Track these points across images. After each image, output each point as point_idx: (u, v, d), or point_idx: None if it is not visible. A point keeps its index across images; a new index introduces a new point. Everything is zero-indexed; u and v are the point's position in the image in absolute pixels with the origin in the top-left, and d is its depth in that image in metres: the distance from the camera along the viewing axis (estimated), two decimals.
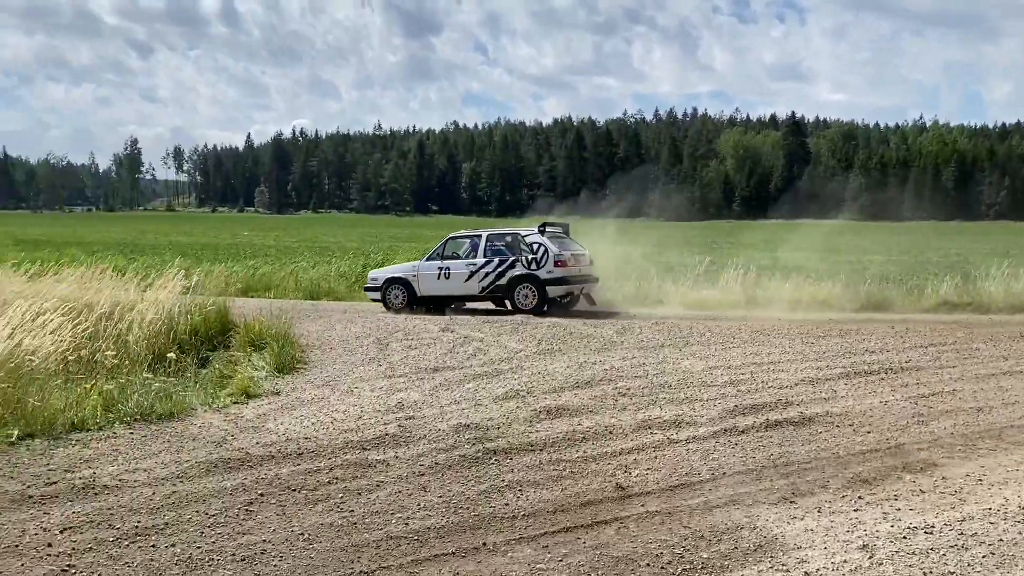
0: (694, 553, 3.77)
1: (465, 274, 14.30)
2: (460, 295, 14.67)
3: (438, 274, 14.44)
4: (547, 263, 13.95)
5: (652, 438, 5.68)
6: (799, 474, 4.90)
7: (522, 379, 7.89)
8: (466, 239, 15.13)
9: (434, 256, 14.79)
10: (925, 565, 3.60)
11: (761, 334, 10.82)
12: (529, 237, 14.35)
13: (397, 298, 14.64)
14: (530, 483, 4.76)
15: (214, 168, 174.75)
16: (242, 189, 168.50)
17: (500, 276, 14.09)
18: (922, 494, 4.55)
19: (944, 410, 6.43)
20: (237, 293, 16.02)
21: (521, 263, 14.01)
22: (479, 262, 14.33)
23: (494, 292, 14.27)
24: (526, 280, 13.92)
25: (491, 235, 14.88)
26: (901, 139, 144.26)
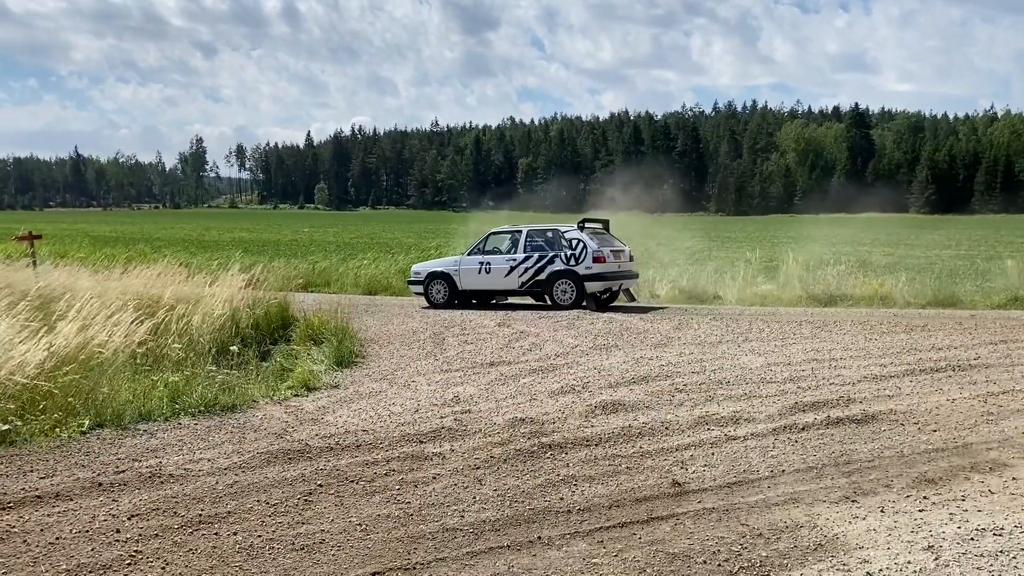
0: (752, 551, 3.71)
1: (505, 269, 14.30)
2: (500, 290, 14.79)
3: (479, 269, 14.47)
4: (585, 259, 13.90)
5: (709, 434, 5.61)
6: (861, 473, 4.79)
7: (578, 374, 7.88)
8: (506, 234, 15.10)
9: (475, 251, 14.79)
10: (994, 568, 3.49)
11: (822, 329, 10.60)
12: (568, 233, 14.35)
13: (439, 292, 14.68)
14: (585, 478, 4.75)
15: (275, 165, 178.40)
16: (302, 186, 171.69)
17: (539, 271, 14.10)
18: (991, 495, 4.40)
19: (1015, 409, 6.21)
20: (298, 288, 16.31)
21: (560, 259, 14.00)
22: (519, 257, 14.34)
23: (533, 287, 14.31)
24: (564, 276, 13.91)
25: (531, 231, 14.89)
26: (971, 130, 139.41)
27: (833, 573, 3.47)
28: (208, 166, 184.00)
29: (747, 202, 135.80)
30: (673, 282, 16.01)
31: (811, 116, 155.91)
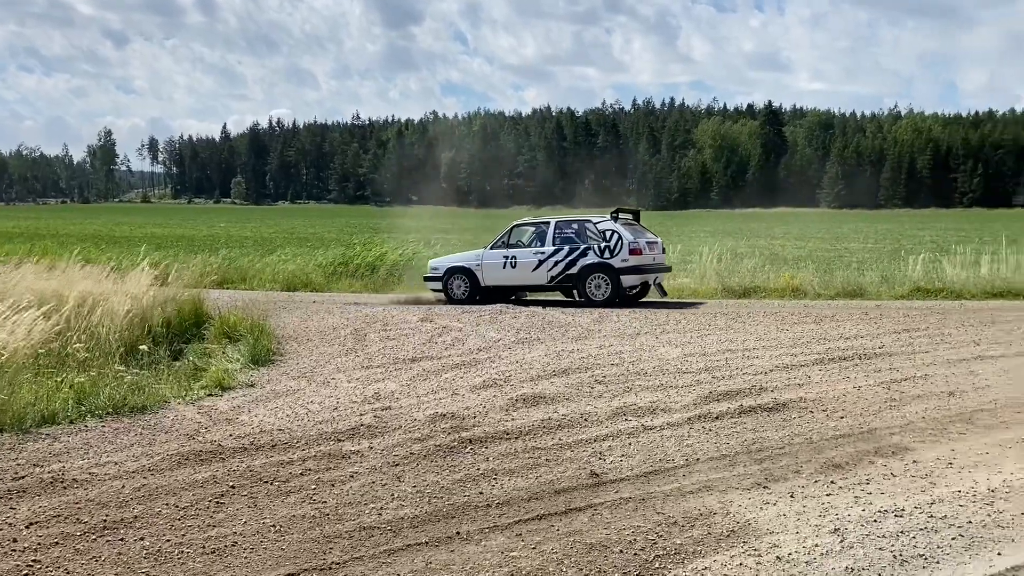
0: (667, 539, 3.77)
1: (532, 263, 13.61)
2: (527, 285, 14.07)
3: (503, 263, 13.77)
4: (621, 251, 13.18)
5: (627, 425, 5.69)
6: (772, 460, 4.93)
7: (500, 368, 7.89)
8: (532, 226, 14.43)
9: (498, 244, 14.07)
10: (895, 548, 3.63)
11: (737, 321, 10.88)
12: (601, 224, 13.59)
13: (459, 288, 13.97)
14: (505, 471, 4.75)
15: (190, 159, 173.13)
16: (218, 180, 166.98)
17: (570, 265, 13.38)
18: (893, 478, 4.59)
19: (916, 395, 6.49)
20: (212, 285, 15.87)
21: (593, 251, 13.29)
22: (547, 250, 13.62)
23: (563, 282, 13.58)
24: (599, 269, 13.22)
25: (559, 222, 14.14)
26: (877, 127, 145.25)
27: (745, 558, 3.56)
28: (119, 159, 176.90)
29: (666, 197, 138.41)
30: None
31: (727, 113, 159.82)
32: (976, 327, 9.95)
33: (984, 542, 3.70)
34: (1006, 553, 3.56)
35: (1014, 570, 3.40)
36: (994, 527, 3.86)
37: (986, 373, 7.27)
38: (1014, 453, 4.97)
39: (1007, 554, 3.55)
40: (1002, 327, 9.91)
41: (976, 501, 4.19)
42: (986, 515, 4.00)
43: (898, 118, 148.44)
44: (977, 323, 10.27)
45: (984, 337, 9.20)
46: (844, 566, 3.45)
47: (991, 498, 4.23)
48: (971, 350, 8.42)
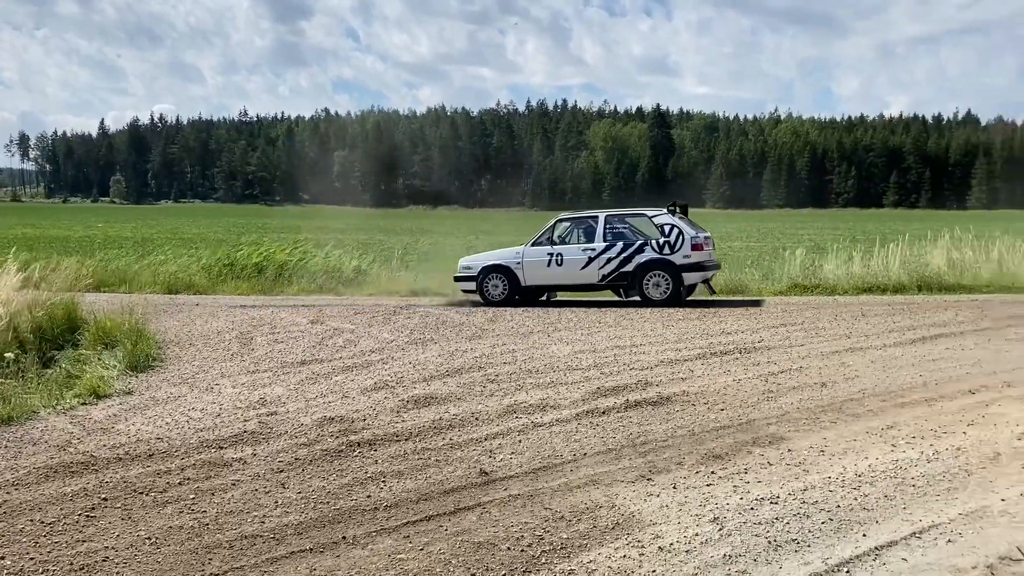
0: (554, 534, 3.82)
1: (581, 261, 12.84)
2: (574, 284, 13.23)
3: (548, 261, 12.95)
4: (682, 246, 12.51)
5: (517, 423, 5.73)
6: (656, 452, 5.06)
7: (392, 369, 7.81)
8: (578, 221, 13.60)
9: (541, 241, 13.23)
10: (770, 534, 3.79)
11: (625, 318, 11.14)
12: (658, 218, 12.90)
13: (496, 288, 13.15)
14: (394, 473, 4.71)
15: (64, 156, 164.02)
16: (96, 178, 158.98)
17: (625, 262, 12.63)
18: (770, 466, 4.79)
19: (791, 386, 6.80)
20: (89, 288, 15.04)
21: (651, 247, 12.60)
22: (598, 247, 12.82)
23: (617, 280, 12.81)
24: (658, 266, 12.51)
25: (609, 216, 13.32)
26: (759, 131, 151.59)
27: (628, 550, 3.64)
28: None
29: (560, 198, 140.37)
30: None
31: (617, 116, 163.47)
32: (848, 321, 10.51)
33: (851, 525, 3.90)
34: (870, 534, 3.77)
35: (877, 550, 3.60)
36: (860, 510, 4.08)
37: (856, 364, 7.69)
38: (879, 439, 5.27)
39: (871, 535, 3.76)
40: (871, 320, 10.51)
41: (845, 486, 4.42)
42: (853, 499, 4.23)
43: (778, 122, 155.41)
44: (849, 317, 10.85)
45: (855, 330, 9.74)
46: (722, 553, 3.58)
47: (858, 483, 4.47)
48: (843, 343, 8.89)
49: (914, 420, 5.70)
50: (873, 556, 3.53)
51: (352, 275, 16.10)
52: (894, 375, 7.18)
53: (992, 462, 4.77)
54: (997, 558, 3.48)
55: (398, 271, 17.21)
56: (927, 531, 3.79)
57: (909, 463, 4.77)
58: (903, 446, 5.11)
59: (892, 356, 8.07)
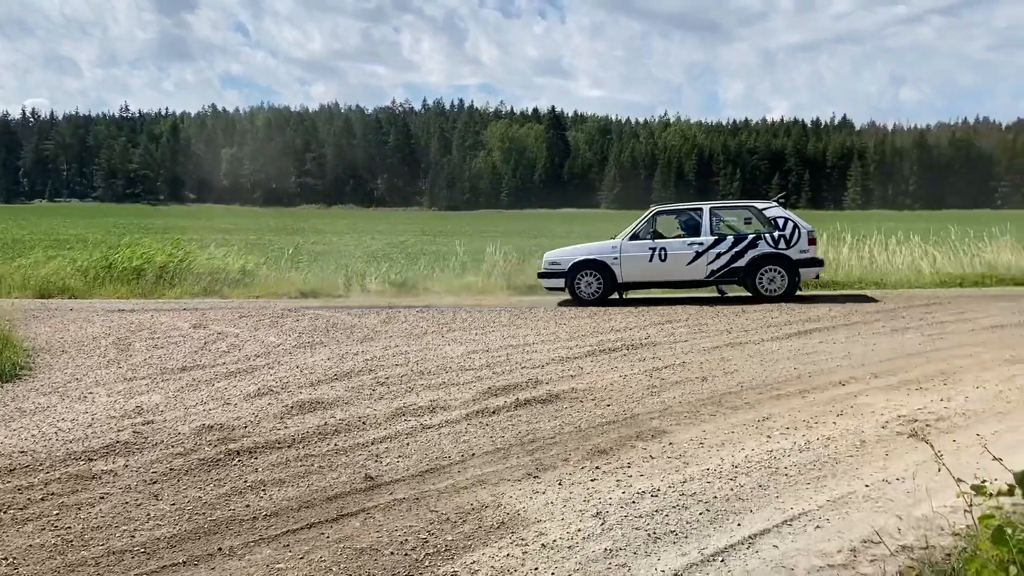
0: (439, 536, 3.79)
1: (688, 255, 12.27)
2: (679, 280, 12.63)
3: (650, 256, 12.30)
4: (799, 240, 12.14)
5: (406, 425, 5.67)
6: (544, 449, 5.10)
7: (278, 374, 7.60)
8: (680, 214, 13.00)
9: (640, 234, 12.58)
10: (650, 526, 3.87)
11: (519, 317, 11.21)
12: (769, 211, 12.46)
13: (590, 286, 12.48)
14: (274, 482, 4.57)
15: None
16: None
17: (737, 257, 12.17)
18: (652, 460, 4.90)
19: (675, 381, 7.00)
20: None
21: (766, 241, 12.17)
22: (705, 241, 12.28)
23: (727, 276, 12.37)
24: (773, 261, 12.10)
25: (715, 208, 12.76)
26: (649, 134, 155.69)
27: (512, 549, 3.65)
28: None
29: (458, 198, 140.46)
30: (384, 276, 16.03)
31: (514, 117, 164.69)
32: (729, 317, 10.90)
33: (727, 515, 4.03)
34: (744, 524, 3.91)
35: (750, 538, 3.74)
36: (736, 500, 4.22)
37: (735, 359, 7.98)
38: (755, 431, 5.48)
39: (745, 524, 3.90)
40: (750, 316, 10.93)
41: (721, 477, 4.57)
42: (729, 490, 4.37)
43: (668, 125, 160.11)
44: (730, 313, 11.26)
45: (735, 326, 10.11)
46: (603, 548, 3.63)
47: (734, 473, 4.63)
48: (724, 338, 9.21)
49: (788, 411, 5.96)
50: (747, 545, 3.66)
51: (238, 276, 15.58)
52: (770, 368, 7.49)
53: (858, 450, 5.03)
54: (860, 541, 3.66)
55: (288, 272, 16.78)
56: (797, 518, 3.96)
57: (782, 453, 4.98)
58: (777, 437, 5.32)
59: (769, 350, 8.42)
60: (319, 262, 19.50)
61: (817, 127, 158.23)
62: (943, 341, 8.81)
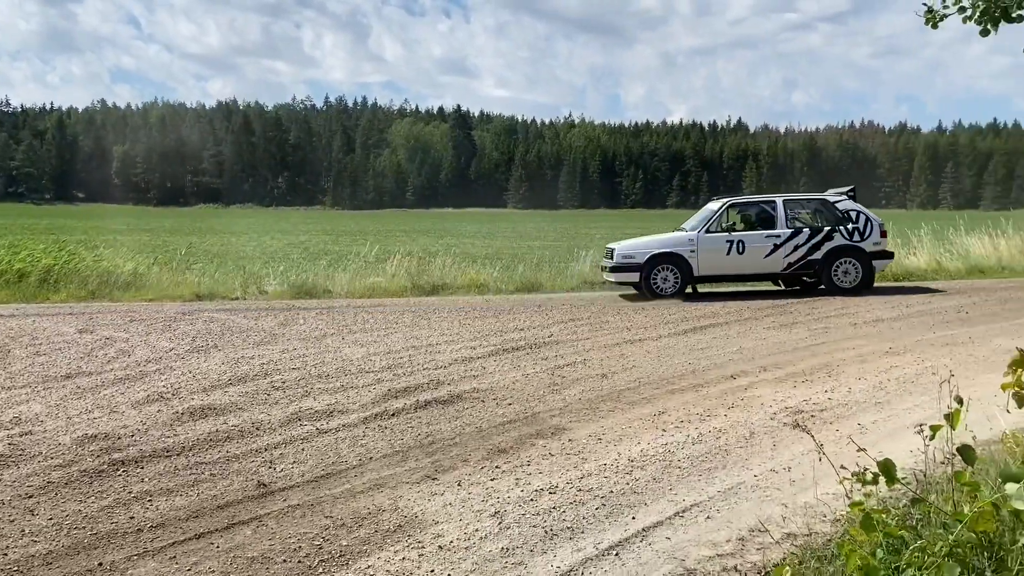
0: (334, 542, 3.72)
1: (766, 248, 12.13)
2: (757, 273, 12.48)
3: (728, 248, 12.10)
4: (872, 233, 12.24)
5: (302, 430, 5.55)
6: (443, 451, 5.08)
7: (169, 380, 7.31)
8: (752, 206, 12.77)
9: (715, 227, 12.29)
10: (547, 523, 3.91)
11: (422, 318, 11.15)
12: (841, 203, 12.45)
13: (667, 281, 12.16)
14: (162, 491, 4.39)
15: None
16: None
17: (814, 249, 12.12)
18: (551, 457, 4.94)
19: (575, 378, 7.09)
20: None
21: (841, 233, 12.16)
22: (782, 233, 12.17)
23: (803, 268, 12.29)
24: (848, 253, 12.13)
25: (788, 201, 12.61)
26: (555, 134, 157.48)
27: (408, 552, 3.61)
28: None
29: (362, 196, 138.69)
30: (283, 277, 15.65)
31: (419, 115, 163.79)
32: (629, 314, 11.13)
33: (622, 509, 4.11)
34: (639, 517, 3.99)
35: (644, 531, 3.82)
36: (631, 494, 4.31)
37: (634, 355, 8.15)
38: (651, 425, 5.60)
39: (640, 517, 3.98)
40: (649, 313, 11.19)
41: (618, 472, 4.66)
42: (625, 484, 4.46)
43: (573, 126, 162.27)
44: (630, 311, 11.49)
45: (635, 323, 10.33)
46: (500, 547, 3.64)
47: (630, 468, 4.73)
48: (624, 335, 9.39)
49: (683, 405, 6.12)
50: (641, 537, 3.74)
51: (129, 279, 14.92)
52: (667, 363, 7.68)
53: (748, 441, 5.21)
54: (748, 530, 3.79)
55: (182, 274, 16.18)
56: (689, 510, 4.07)
57: (676, 446, 5.11)
58: (672, 430, 5.46)
59: (666, 346, 8.63)
60: (216, 263, 18.91)
61: (714, 129, 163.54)
62: (828, 335, 9.23)
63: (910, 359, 7.73)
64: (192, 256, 21.85)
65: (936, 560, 2.14)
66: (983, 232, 18.56)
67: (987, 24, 4.24)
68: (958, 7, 4.28)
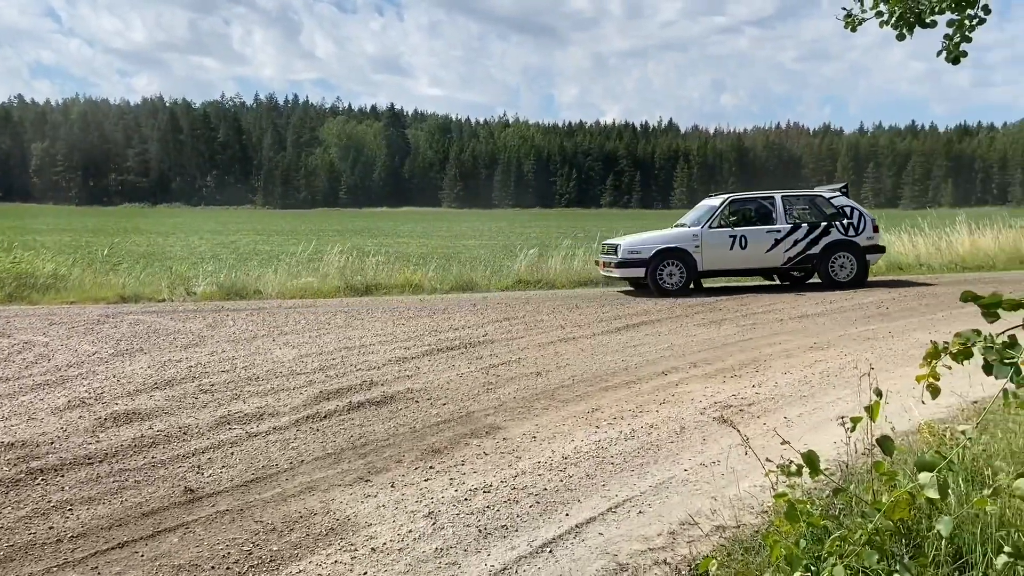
0: (264, 547, 3.65)
1: (767, 243, 12.25)
2: (758, 267, 12.65)
3: (731, 243, 12.18)
4: (865, 228, 12.51)
5: (231, 434, 5.43)
6: (377, 452, 5.03)
7: (92, 385, 7.07)
8: (751, 202, 12.81)
9: (717, 223, 12.33)
10: (481, 522, 3.91)
11: (356, 318, 11.03)
12: (836, 199, 12.64)
13: (673, 276, 12.17)
14: (83, 500, 4.24)
15: None
16: None
17: (812, 244, 12.31)
18: (485, 456, 4.94)
19: (510, 377, 7.11)
20: None
21: (837, 228, 12.36)
22: (782, 228, 12.33)
23: (802, 263, 12.46)
24: (843, 248, 12.36)
25: (787, 197, 12.76)
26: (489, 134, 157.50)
27: (340, 555, 3.57)
28: None
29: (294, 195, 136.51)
30: (212, 278, 15.28)
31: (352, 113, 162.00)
32: (564, 313, 11.21)
33: (556, 506, 4.13)
34: (572, 513, 4.02)
35: (577, 527, 3.85)
36: (565, 491, 4.34)
37: (568, 353, 8.21)
38: (585, 422, 5.65)
39: (573, 514, 4.01)
40: (584, 312, 11.30)
41: (552, 469, 4.68)
42: (559, 481, 4.49)
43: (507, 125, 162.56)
44: (565, 309, 11.58)
45: (569, 321, 10.41)
46: (434, 547, 3.63)
47: (564, 465, 4.76)
48: (558, 333, 9.46)
49: (616, 402, 6.19)
50: (574, 534, 3.77)
51: (49, 280, 14.37)
52: (601, 361, 7.76)
53: (678, 436, 5.30)
54: (679, 524, 3.85)
55: (106, 275, 15.66)
56: (622, 505, 4.11)
57: (609, 442, 5.17)
58: (605, 427, 5.52)
59: (600, 344, 8.73)
60: (142, 264, 18.37)
61: (646, 130, 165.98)
62: (755, 331, 9.46)
63: (833, 354, 7.97)
64: (116, 257, 21.18)
65: (855, 548, 2.21)
66: (902, 231, 19.27)
67: (902, 29, 4.39)
68: (875, 12, 4.41)
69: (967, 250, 18.65)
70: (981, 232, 19.57)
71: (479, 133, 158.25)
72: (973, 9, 4.26)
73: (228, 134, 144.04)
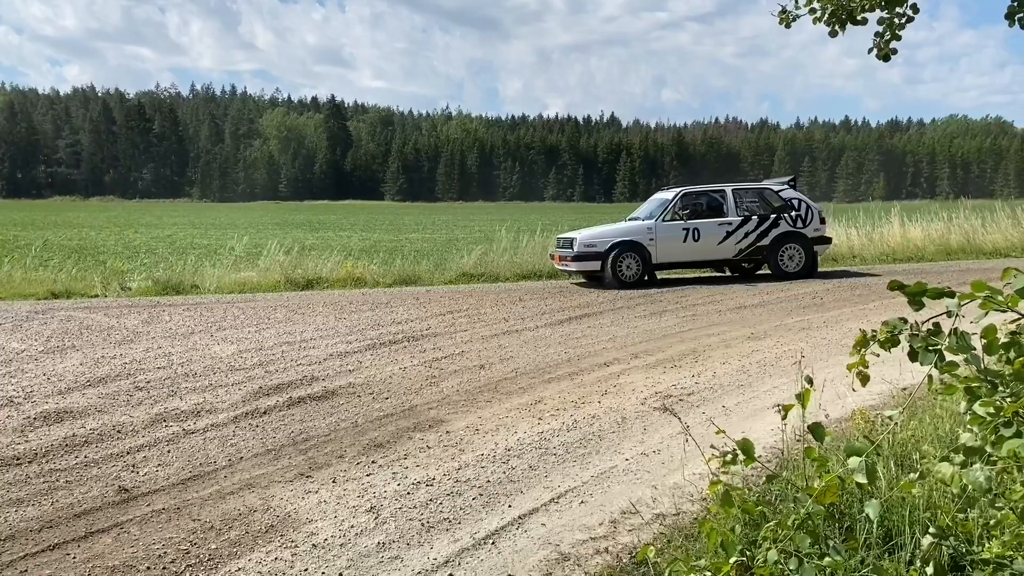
0: (202, 546, 3.58)
1: (719, 235, 12.38)
2: (710, 259, 12.73)
3: (684, 236, 12.27)
4: (812, 220, 12.76)
5: (167, 432, 5.31)
6: (318, 448, 4.98)
7: (20, 383, 6.84)
8: (702, 195, 12.89)
9: (671, 215, 12.37)
10: (424, 516, 3.90)
11: (296, 313, 10.88)
12: (784, 192, 12.82)
13: (631, 268, 12.19)
14: (11, 502, 4.10)
15: None
16: None
17: (761, 236, 12.47)
18: (428, 450, 4.93)
19: (453, 370, 7.09)
20: None
21: (785, 221, 12.55)
22: (734, 221, 12.44)
23: (752, 255, 12.62)
24: (791, 239, 12.56)
25: (737, 190, 12.88)
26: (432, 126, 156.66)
27: (281, 551, 3.52)
28: None
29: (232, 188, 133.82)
30: (147, 273, 14.90)
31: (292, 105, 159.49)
32: (507, 305, 11.24)
33: (499, 497, 4.14)
34: (515, 505, 4.04)
35: (520, 518, 3.86)
36: (508, 483, 4.35)
37: (512, 346, 8.23)
38: (528, 414, 5.68)
39: (516, 505, 4.03)
40: (527, 304, 11.34)
41: (495, 461, 4.70)
42: (502, 473, 4.50)
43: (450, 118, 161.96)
44: (508, 302, 11.60)
45: (512, 314, 10.43)
46: (376, 542, 3.61)
47: (507, 457, 4.77)
48: (501, 326, 9.47)
49: (559, 393, 6.24)
50: (517, 525, 3.78)
51: None
52: (543, 353, 7.80)
53: (620, 426, 5.36)
54: (620, 513, 3.90)
55: (35, 271, 15.14)
56: (564, 495, 4.15)
57: (552, 433, 5.20)
58: (548, 418, 5.55)
59: (543, 336, 8.77)
60: (73, 259, 17.81)
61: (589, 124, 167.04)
62: (695, 322, 9.62)
63: (770, 343, 8.16)
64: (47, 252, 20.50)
65: (789, 533, 2.27)
66: (837, 223, 19.78)
67: (835, 25, 4.50)
68: (809, 8, 4.52)
69: (898, 242, 19.25)
70: (912, 225, 20.22)
71: (422, 126, 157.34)
72: (902, 7, 4.39)
73: (164, 125, 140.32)
